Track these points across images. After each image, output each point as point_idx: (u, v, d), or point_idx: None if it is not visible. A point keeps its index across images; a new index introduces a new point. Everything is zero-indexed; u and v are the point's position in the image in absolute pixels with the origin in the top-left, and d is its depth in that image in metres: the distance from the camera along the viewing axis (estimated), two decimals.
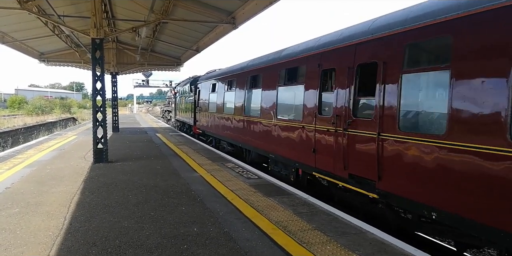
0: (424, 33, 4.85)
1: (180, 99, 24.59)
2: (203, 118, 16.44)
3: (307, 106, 7.52)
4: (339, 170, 6.42)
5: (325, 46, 7.07)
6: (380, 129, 5.42)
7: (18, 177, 8.19)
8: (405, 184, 5.01)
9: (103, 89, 10.34)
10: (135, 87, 62.87)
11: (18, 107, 53.03)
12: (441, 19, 4.56)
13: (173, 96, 28.77)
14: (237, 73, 12.07)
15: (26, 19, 12.58)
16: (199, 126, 17.40)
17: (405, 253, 4.26)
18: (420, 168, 4.74)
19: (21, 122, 31.12)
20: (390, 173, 5.27)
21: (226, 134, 12.97)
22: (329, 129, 6.69)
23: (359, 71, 6.05)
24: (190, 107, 19.92)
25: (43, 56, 20.13)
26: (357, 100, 6.11)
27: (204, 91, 16.39)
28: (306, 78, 7.65)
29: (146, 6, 11.91)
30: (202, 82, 17.13)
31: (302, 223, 5.24)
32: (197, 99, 17.81)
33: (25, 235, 4.72)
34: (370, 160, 5.61)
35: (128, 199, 6.50)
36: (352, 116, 6.10)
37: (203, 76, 18.26)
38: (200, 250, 4.29)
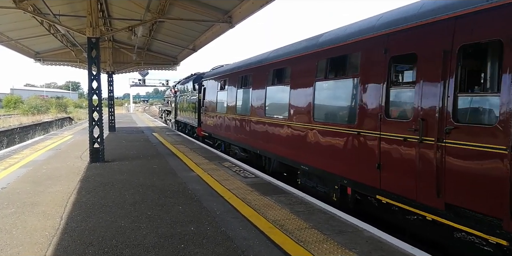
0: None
1: (181, 98, 22.37)
2: (210, 119, 14.69)
3: (365, 106, 5.78)
4: (427, 197, 4.67)
5: (395, 24, 5.31)
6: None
7: (14, 177, 8.15)
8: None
9: (99, 88, 10.31)
10: (131, 87, 62.69)
11: (14, 106, 52.70)
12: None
13: (173, 95, 25.95)
14: (254, 67, 10.33)
15: (22, 18, 12.51)
16: (205, 128, 15.59)
17: (402, 251, 4.28)
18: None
19: (17, 121, 30.93)
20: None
21: (240, 138, 11.24)
22: (407, 139, 4.95)
23: (463, 55, 4.35)
24: (193, 107, 18.31)
25: (39, 55, 20.03)
26: (461, 98, 4.38)
27: (211, 89, 14.61)
28: (362, 69, 5.96)
29: (142, 5, 11.86)
30: (208, 79, 15.34)
31: (299, 222, 5.25)
32: (202, 98, 16.15)
33: (21, 235, 4.70)
34: (492, 189, 3.91)
35: (125, 198, 6.48)
36: (452, 120, 4.35)
37: (209, 72, 16.33)
38: (197, 249, 4.29)
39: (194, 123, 17.94)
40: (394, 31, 5.32)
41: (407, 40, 5.13)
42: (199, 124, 16.92)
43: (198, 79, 17.80)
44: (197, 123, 17.13)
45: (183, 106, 21.54)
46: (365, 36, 5.89)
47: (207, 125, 15.19)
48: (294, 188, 7.37)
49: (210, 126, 14.69)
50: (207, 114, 15.15)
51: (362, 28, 6.09)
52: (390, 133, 5.22)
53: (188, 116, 19.79)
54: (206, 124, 15.51)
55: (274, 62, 9.09)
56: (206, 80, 15.74)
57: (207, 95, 15.27)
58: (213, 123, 14.21)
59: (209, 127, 14.87)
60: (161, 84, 63.96)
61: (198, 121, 17.07)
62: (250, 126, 10.23)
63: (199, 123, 16.93)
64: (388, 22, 5.51)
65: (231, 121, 12.04)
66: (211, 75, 15.19)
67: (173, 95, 25.69)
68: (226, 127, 12.63)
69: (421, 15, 4.90)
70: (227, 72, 12.85)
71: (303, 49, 7.77)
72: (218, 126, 13.61)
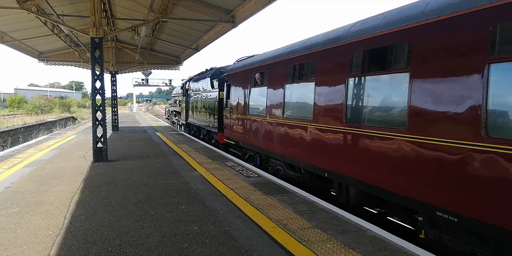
0: None
1: (194, 97, 18.84)
2: (238, 124, 11.43)
3: None
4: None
5: None
6: None
7: (18, 176, 8.19)
8: None
9: (102, 88, 10.33)
10: (134, 86, 62.94)
11: (18, 106, 52.98)
12: None
13: (183, 94, 22.24)
14: (323, 49, 6.91)
15: (25, 18, 12.57)
16: (230, 134, 12.33)
17: (405, 250, 4.26)
18: None
19: (21, 121, 31.09)
20: None
21: (288, 151, 8.19)
22: None
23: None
24: (211, 108, 15.15)
25: (43, 55, 20.11)
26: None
27: (239, 86, 11.37)
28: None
29: (145, 5, 11.89)
30: (234, 73, 12.01)
31: (302, 221, 5.24)
32: (226, 97, 12.88)
33: (25, 235, 4.72)
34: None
35: (128, 198, 6.50)
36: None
37: (234, 65, 12.70)
38: (200, 248, 4.30)
39: (213, 128, 14.95)
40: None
41: None
42: (220, 128, 13.86)
43: (216, 75, 15.02)
44: (217, 127, 14.18)
45: (197, 107, 18.16)
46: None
47: (234, 131, 11.89)
48: (297, 188, 7.35)
49: (238, 132, 11.44)
50: (234, 117, 11.78)
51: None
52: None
53: (204, 118, 16.48)
54: (231, 130, 12.11)
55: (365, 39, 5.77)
56: (231, 75, 12.33)
57: (233, 93, 11.90)
58: (243, 128, 11.01)
59: (237, 133, 11.60)
60: (164, 83, 64.14)
61: (218, 125, 14.04)
62: (312, 136, 7.16)
63: (220, 128, 13.85)
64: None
65: (274, 127, 8.81)
66: (238, 68, 11.76)
67: (183, 94, 22.25)
68: (265, 135, 9.41)
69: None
70: (267, 61, 9.41)
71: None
72: (251, 133, 10.37)
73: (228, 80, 12.62)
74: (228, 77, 12.67)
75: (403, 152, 4.93)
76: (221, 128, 13.47)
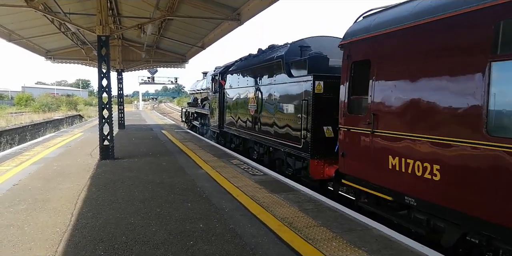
0: None
1: (241, 94, 11.89)
2: (393, 151, 5.25)
3: None
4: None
5: None
6: None
7: (25, 174, 8.26)
8: None
9: (109, 86, 10.38)
10: (140, 84, 63.01)
11: (25, 104, 53.33)
12: None
13: (213, 90, 15.26)
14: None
15: (33, 16, 12.64)
16: (356, 168, 6.17)
17: (411, 249, 4.24)
18: None
19: (28, 119, 31.34)
20: None
21: None
22: None
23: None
24: (292, 112, 8.28)
25: (50, 53, 20.23)
26: None
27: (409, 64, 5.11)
28: None
29: (151, 3, 11.92)
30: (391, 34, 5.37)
31: (307, 220, 5.24)
32: (348, 90, 6.35)
33: (33, 231, 4.77)
34: None
35: (135, 195, 6.53)
36: None
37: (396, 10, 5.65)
38: (206, 246, 4.31)
39: (294, 148, 8.20)
40: None
41: None
42: (315, 152, 7.49)
43: (293, 52, 8.96)
44: (309, 148, 7.54)
45: (247, 109, 11.20)
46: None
47: (374, 164, 5.66)
48: (302, 186, 7.35)
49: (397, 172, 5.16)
50: (383, 132, 5.47)
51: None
52: None
53: (267, 129, 9.67)
54: (364, 161, 5.91)
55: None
56: (380, 39, 5.60)
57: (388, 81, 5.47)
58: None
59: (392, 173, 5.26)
60: (170, 81, 64.21)
61: (312, 144, 7.49)
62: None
63: (315, 150, 7.49)
64: None
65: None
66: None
67: (213, 90, 15.28)
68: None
69: None
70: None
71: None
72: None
73: (358, 53, 6.09)
74: (363, 45, 5.98)
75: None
76: (318, 150, 7.45)
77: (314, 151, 7.50)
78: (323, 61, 8.06)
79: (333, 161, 7.29)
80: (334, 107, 6.82)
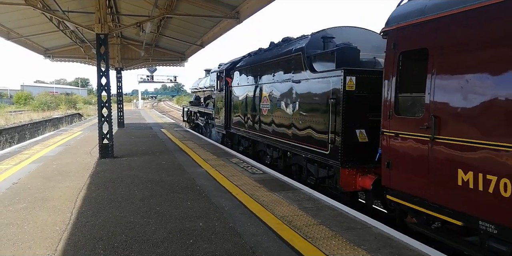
0: None
1: (251, 92, 10.82)
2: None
3: None
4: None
5: None
6: None
7: (25, 172, 8.26)
8: None
9: (108, 84, 10.37)
10: (139, 83, 62.96)
11: (24, 103, 53.35)
12: None
13: (218, 89, 14.37)
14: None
15: (31, 15, 12.61)
16: (407, 181, 5.00)
17: (411, 247, 4.25)
18: None
19: (27, 118, 31.32)
20: None
21: None
22: None
23: None
24: (315, 114, 7.25)
25: (48, 51, 20.17)
26: None
27: None
28: None
29: (150, 1, 11.89)
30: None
31: (307, 218, 5.24)
32: (397, 85, 5.19)
33: (33, 230, 4.77)
34: None
35: (134, 194, 6.53)
36: None
37: None
38: (206, 244, 4.31)
39: (317, 154, 7.15)
40: None
41: None
42: (346, 158, 6.43)
43: (313, 44, 7.88)
44: (338, 155, 6.47)
45: (258, 110, 10.24)
46: None
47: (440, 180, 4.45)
48: (302, 184, 7.35)
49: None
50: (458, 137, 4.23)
51: None
52: None
53: (284, 131, 8.56)
54: (422, 176, 4.73)
55: None
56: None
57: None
58: None
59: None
60: (169, 80, 64.18)
61: (343, 149, 6.43)
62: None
63: (346, 156, 6.43)
64: None
65: None
66: None
67: (218, 88, 14.36)
68: None
69: None
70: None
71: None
72: None
73: (409, 40, 5.04)
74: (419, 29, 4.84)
75: None
76: (350, 158, 6.38)
77: (346, 158, 6.36)
78: (354, 53, 7.04)
79: (366, 170, 6.40)
80: (368, 106, 6.19)
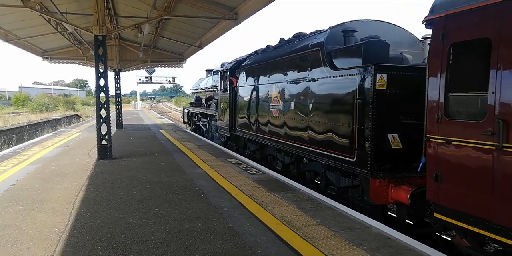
0: None
1: (260, 92, 10.08)
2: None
3: None
4: None
5: None
6: None
7: (23, 174, 8.24)
8: None
9: (106, 86, 10.36)
10: (138, 84, 62.88)
11: (22, 104, 53.25)
12: None
13: (222, 89, 13.67)
14: None
15: (29, 16, 12.58)
16: (463, 198, 4.21)
17: (410, 247, 4.26)
18: None
19: (26, 119, 31.24)
20: None
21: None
22: None
23: None
24: (338, 113, 6.55)
25: (46, 53, 20.16)
26: None
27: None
28: None
29: (148, 2, 11.89)
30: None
31: (306, 218, 5.25)
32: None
33: (31, 231, 4.76)
34: None
35: (133, 195, 6.52)
36: None
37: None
38: (205, 245, 4.31)
39: (337, 160, 6.47)
40: None
41: None
42: (377, 170, 5.64)
43: (332, 40, 7.24)
44: (369, 164, 5.66)
45: (267, 111, 9.50)
46: None
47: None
48: (301, 185, 7.35)
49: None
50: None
51: None
52: None
53: (296, 134, 7.97)
54: None
55: None
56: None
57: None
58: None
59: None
60: (167, 81, 64.13)
61: (372, 159, 5.62)
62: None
63: (377, 168, 5.64)
64: None
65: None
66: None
67: (222, 88, 13.70)
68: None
69: None
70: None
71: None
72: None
73: (462, 30, 4.27)
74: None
75: None
76: (381, 166, 5.66)
77: (376, 167, 5.60)
78: (383, 48, 6.26)
79: (399, 181, 5.69)
80: (401, 108, 5.59)
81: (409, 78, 5.56)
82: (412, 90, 5.37)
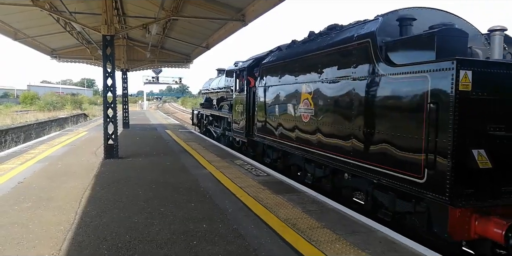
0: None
1: (286, 93, 8.75)
2: None
3: None
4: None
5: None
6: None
7: (30, 172, 8.30)
8: None
9: (113, 85, 10.41)
10: (145, 84, 63.14)
11: (30, 103, 53.72)
12: None
13: (237, 90, 12.70)
14: None
15: (38, 16, 12.71)
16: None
17: (416, 252, 4.22)
18: None
19: (33, 117, 31.51)
20: None
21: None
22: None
23: None
24: (399, 121, 5.20)
25: (55, 52, 20.34)
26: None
27: None
28: None
29: (156, 3, 11.96)
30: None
31: (311, 221, 5.23)
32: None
33: (37, 229, 4.79)
34: None
35: (138, 195, 6.55)
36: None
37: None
38: (209, 246, 4.31)
39: (397, 180, 5.11)
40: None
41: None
42: (459, 196, 4.25)
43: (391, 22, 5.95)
44: (445, 188, 4.28)
45: (298, 115, 8.12)
46: None
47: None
48: (306, 187, 7.33)
49: None
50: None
51: None
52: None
53: (334, 143, 6.71)
54: None
55: None
56: None
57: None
58: None
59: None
60: (174, 81, 64.35)
61: (452, 181, 4.23)
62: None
63: (459, 193, 4.25)
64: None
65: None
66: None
67: (237, 88, 12.73)
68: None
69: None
70: None
71: None
72: None
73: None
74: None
75: None
76: (464, 191, 4.27)
77: (458, 192, 4.25)
78: (462, 39, 5.06)
79: (486, 210, 4.44)
80: (490, 115, 4.34)
81: (501, 78, 4.39)
82: (504, 93, 4.36)
